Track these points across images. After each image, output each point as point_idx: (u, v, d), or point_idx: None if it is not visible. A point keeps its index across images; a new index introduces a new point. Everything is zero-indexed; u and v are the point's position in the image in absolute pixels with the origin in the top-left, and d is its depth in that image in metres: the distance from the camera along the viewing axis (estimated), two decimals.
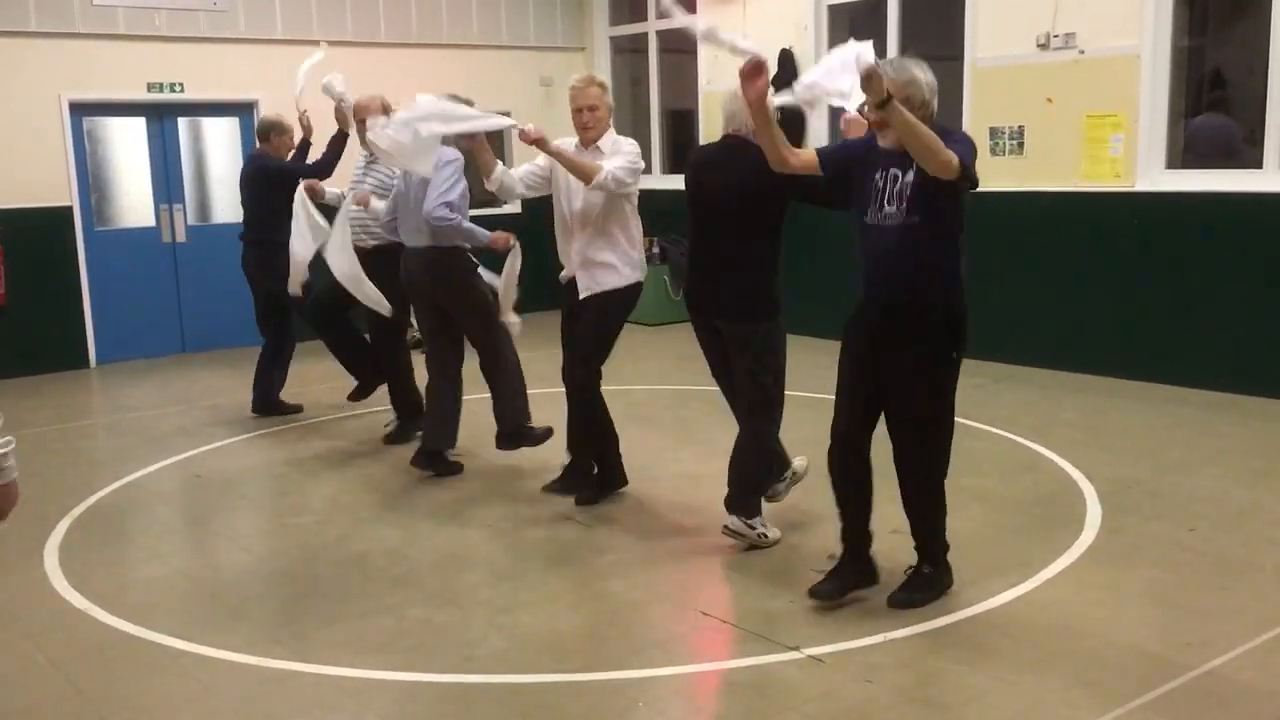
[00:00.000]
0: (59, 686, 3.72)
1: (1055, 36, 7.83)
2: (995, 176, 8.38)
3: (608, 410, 5.33)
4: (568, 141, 5.11)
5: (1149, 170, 7.58)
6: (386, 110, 6.36)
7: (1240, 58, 7.96)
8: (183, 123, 9.86)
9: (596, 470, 5.42)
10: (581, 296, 5.12)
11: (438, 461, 5.95)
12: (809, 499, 5.39)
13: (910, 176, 3.83)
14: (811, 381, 5.72)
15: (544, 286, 5.84)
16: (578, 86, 5.03)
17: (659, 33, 11.24)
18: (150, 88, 9.49)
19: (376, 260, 6.16)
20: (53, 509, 5.55)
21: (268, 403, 7.30)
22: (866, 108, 3.73)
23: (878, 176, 3.91)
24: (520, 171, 5.25)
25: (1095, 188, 7.79)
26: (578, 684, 3.65)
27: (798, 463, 5.03)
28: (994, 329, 8.42)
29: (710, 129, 10.57)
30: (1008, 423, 6.64)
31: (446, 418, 5.92)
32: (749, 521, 4.71)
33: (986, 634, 3.91)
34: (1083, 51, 7.73)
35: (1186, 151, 7.71)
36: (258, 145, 7.38)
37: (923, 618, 4.00)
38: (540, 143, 4.88)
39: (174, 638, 4.04)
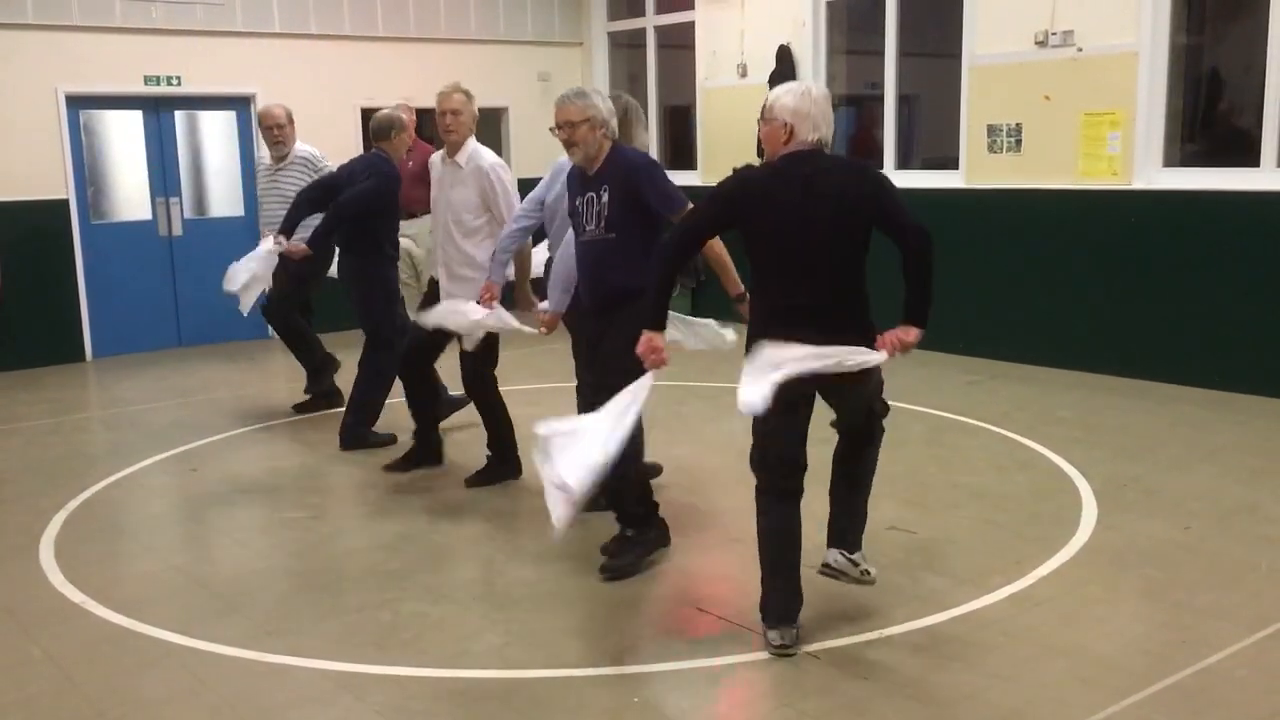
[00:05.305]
0: (54, 680, 3.72)
1: (1053, 34, 7.83)
2: (993, 174, 8.40)
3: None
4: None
5: (1146, 168, 7.58)
6: (291, 120, 6.88)
7: (1238, 56, 7.96)
8: (179, 116, 9.84)
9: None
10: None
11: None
12: (806, 497, 5.38)
13: (606, 198, 4.35)
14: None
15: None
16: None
17: (657, 28, 11.22)
18: (147, 80, 9.46)
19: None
20: (48, 503, 5.55)
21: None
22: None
23: (579, 201, 4.45)
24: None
25: (1092, 185, 7.79)
26: (573, 679, 3.66)
27: None
28: (989, 325, 8.44)
29: (709, 125, 10.57)
30: (1003, 420, 6.64)
31: None
32: (852, 556, 3.97)
33: (982, 631, 3.91)
34: (1081, 49, 7.73)
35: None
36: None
37: (919, 615, 4.01)
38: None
39: (169, 631, 4.04)
